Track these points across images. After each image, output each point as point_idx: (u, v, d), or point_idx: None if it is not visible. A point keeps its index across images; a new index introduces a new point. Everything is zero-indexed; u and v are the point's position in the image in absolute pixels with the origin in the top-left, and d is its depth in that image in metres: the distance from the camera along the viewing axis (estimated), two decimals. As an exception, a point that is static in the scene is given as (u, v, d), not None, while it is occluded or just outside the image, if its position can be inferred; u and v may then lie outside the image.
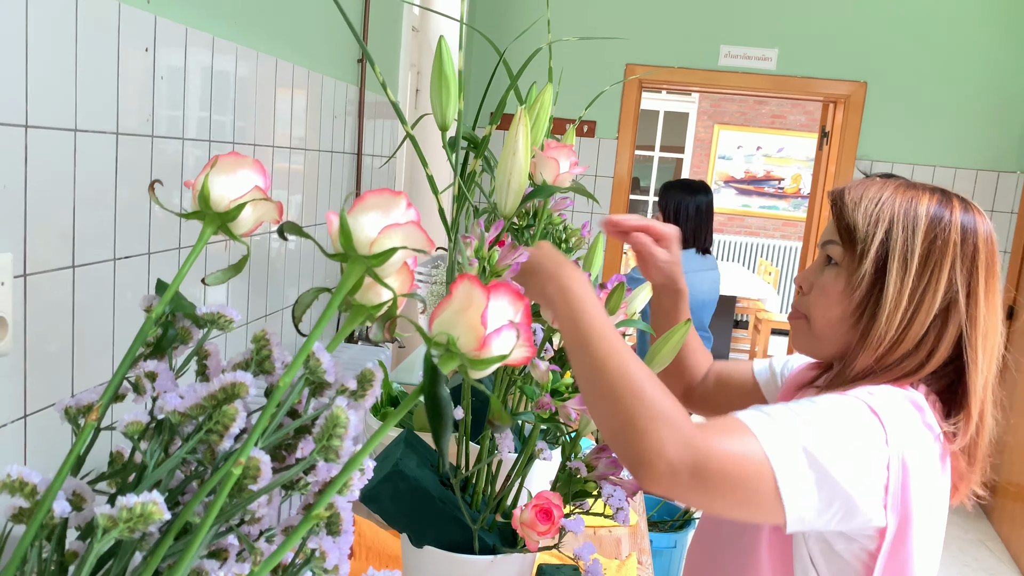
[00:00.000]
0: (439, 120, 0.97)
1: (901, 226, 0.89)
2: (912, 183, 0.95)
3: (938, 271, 0.88)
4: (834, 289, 0.94)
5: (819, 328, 0.95)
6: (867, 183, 0.96)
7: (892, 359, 0.90)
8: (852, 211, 0.92)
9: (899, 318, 0.88)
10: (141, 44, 1.30)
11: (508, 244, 0.88)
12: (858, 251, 0.91)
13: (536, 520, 0.96)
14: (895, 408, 0.86)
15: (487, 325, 0.52)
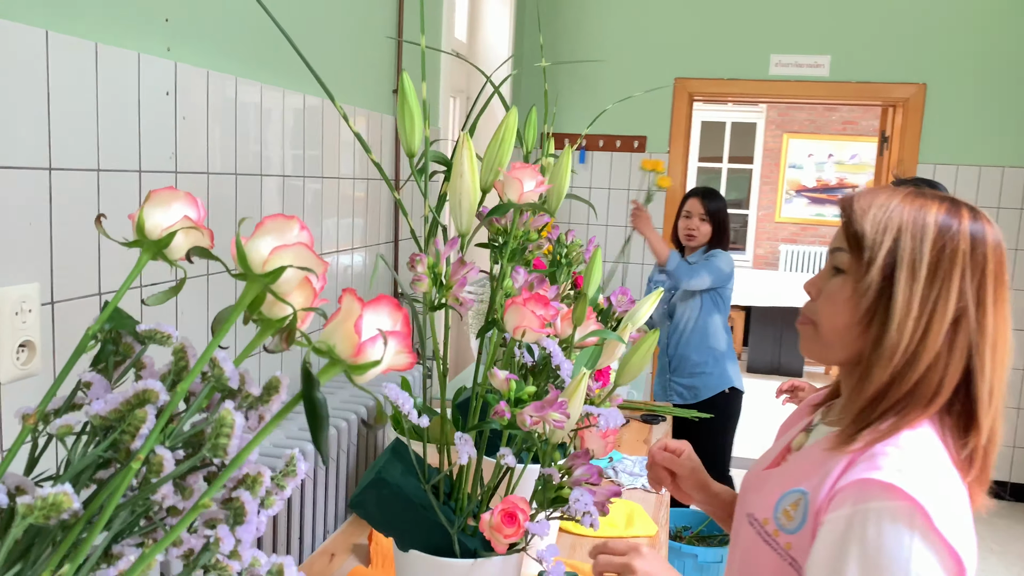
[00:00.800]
0: (406, 147, 1.04)
1: (910, 234, 0.89)
2: (921, 191, 0.94)
3: (948, 280, 0.88)
4: (841, 296, 0.93)
5: (826, 334, 0.95)
6: (877, 190, 0.96)
7: (913, 376, 0.88)
8: (860, 218, 0.92)
9: (911, 326, 0.87)
10: (162, 88, 1.42)
11: (458, 260, 0.94)
12: (865, 258, 0.90)
13: (502, 523, 1.00)
14: (928, 482, 0.84)
15: (361, 334, 0.57)
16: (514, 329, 1.00)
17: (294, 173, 1.90)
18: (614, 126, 4.37)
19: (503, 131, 1.11)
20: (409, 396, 0.96)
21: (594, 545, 1.03)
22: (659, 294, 1.61)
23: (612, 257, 4.46)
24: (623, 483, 2.03)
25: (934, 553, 0.81)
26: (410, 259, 0.92)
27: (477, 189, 0.97)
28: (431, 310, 0.96)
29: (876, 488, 0.84)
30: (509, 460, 0.99)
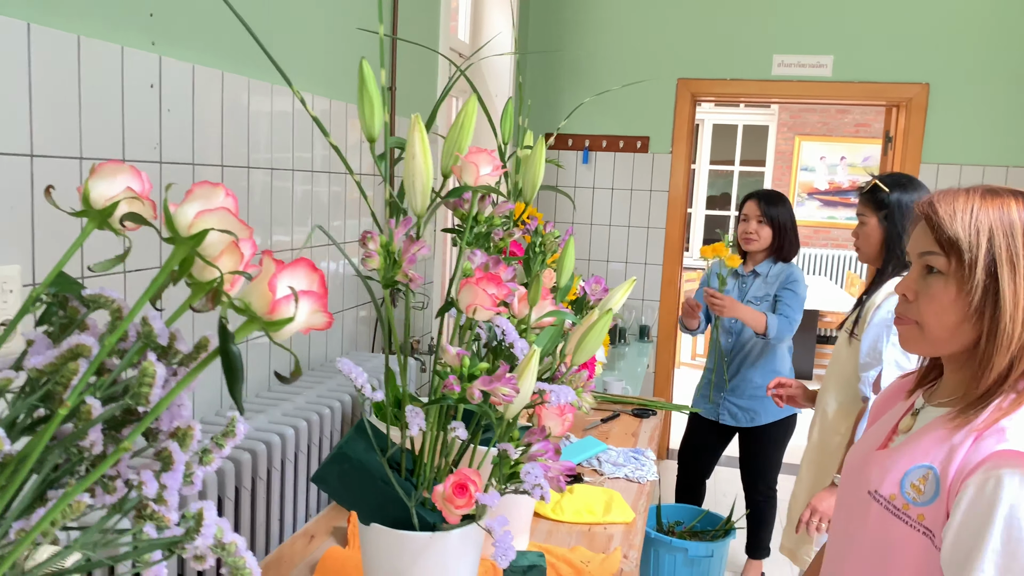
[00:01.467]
0: (366, 132, 1.07)
1: (1001, 233, 0.99)
2: (992, 189, 1.04)
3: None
4: (946, 297, 1.02)
5: (934, 332, 1.04)
6: (952, 194, 1.05)
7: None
8: (951, 223, 1.01)
9: (1021, 315, 0.98)
10: (146, 81, 1.47)
11: (409, 238, 0.97)
12: (966, 260, 1.00)
13: (453, 494, 1.03)
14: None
15: (275, 292, 0.61)
16: (467, 307, 1.03)
17: (282, 166, 1.94)
18: (617, 127, 4.40)
19: (463, 117, 1.14)
20: (362, 371, 1.00)
21: None
22: (632, 283, 1.64)
23: (616, 257, 4.48)
24: (606, 472, 2.05)
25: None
26: (362, 236, 0.95)
27: (430, 170, 1.01)
28: (385, 286, 1.00)
29: (1010, 456, 0.93)
30: (460, 433, 1.02)
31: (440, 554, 1.14)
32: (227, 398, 1.79)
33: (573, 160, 4.46)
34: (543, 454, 1.13)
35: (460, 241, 1.14)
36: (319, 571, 1.48)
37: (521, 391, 1.04)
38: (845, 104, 4.37)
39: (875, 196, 2.14)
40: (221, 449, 0.74)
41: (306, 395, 1.86)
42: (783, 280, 2.98)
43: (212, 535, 0.63)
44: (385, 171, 1.09)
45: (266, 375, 1.96)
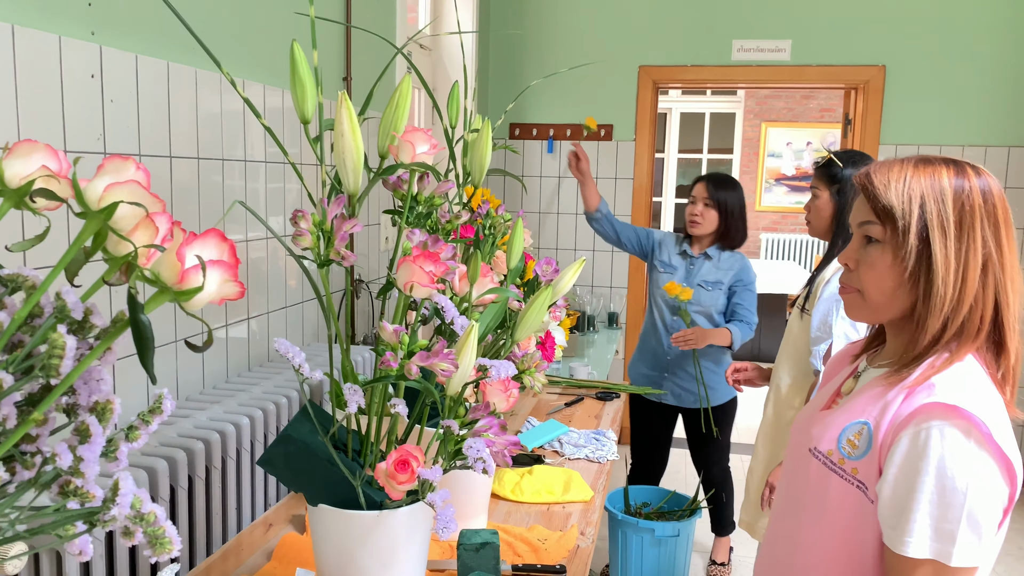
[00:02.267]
0: (299, 114, 1.08)
1: (932, 200, 1.02)
2: (924, 158, 1.08)
3: (972, 232, 1.02)
4: (883, 263, 1.05)
5: (874, 298, 1.08)
6: (887, 165, 1.08)
7: (959, 319, 1.03)
8: (885, 193, 1.05)
9: (952, 278, 1.01)
10: (86, 71, 1.45)
11: (340, 215, 0.98)
12: (900, 228, 1.03)
13: (395, 470, 1.04)
14: (980, 402, 0.98)
15: (184, 261, 0.61)
16: (404, 285, 1.04)
17: (233, 157, 1.94)
18: (580, 115, 4.41)
19: (398, 96, 1.15)
20: (300, 351, 1.00)
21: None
22: (582, 263, 1.65)
23: (584, 245, 4.50)
24: (567, 454, 2.07)
25: (992, 460, 0.95)
26: (292, 215, 0.96)
27: (360, 147, 1.01)
28: (320, 266, 1.00)
29: (938, 409, 0.97)
30: (400, 409, 1.03)
31: (388, 533, 1.14)
32: (183, 389, 1.79)
33: (538, 149, 4.47)
34: (487, 429, 1.14)
35: (400, 221, 1.14)
36: (275, 557, 1.48)
37: (460, 367, 1.06)
38: (804, 88, 4.42)
39: (829, 171, 2.18)
40: (148, 425, 0.74)
41: (263, 385, 1.86)
42: (737, 273, 2.97)
43: (128, 504, 0.63)
44: (320, 153, 1.10)
45: (224, 367, 1.95)
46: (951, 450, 0.95)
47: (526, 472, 1.87)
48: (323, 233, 0.98)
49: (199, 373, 1.85)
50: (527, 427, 2.26)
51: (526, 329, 1.24)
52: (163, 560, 0.65)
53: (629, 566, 2.75)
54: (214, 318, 1.89)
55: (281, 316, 2.20)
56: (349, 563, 1.16)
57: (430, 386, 1.10)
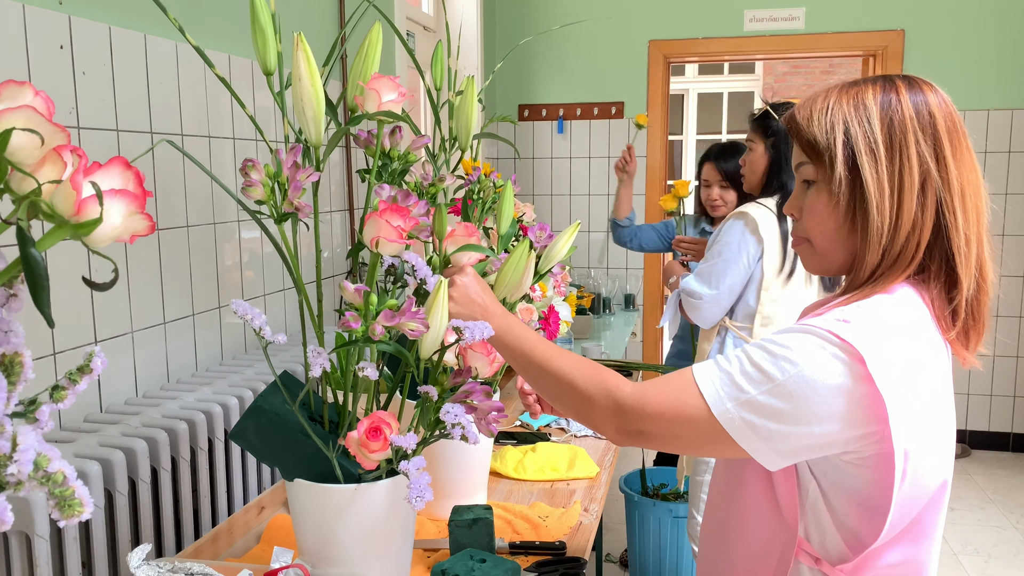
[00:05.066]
0: (262, 65, 1.02)
1: (856, 122, 0.92)
2: (853, 80, 0.97)
3: (905, 150, 0.91)
4: (819, 204, 0.95)
5: (821, 245, 0.97)
6: (812, 96, 0.97)
7: (897, 247, 0.91)
8: (808, 126, 0.95)
9: (888, 204, 0.91)
10: (55, 42, 1.41)
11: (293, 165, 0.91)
12: (826, 160, 0.93)
13: (367, 438, 0.98)
14: (874, 335, 0.86)
15: (79, 190, 0.55)
16: (371, 240, 0.98)
17: (218, 134, 1.88)
18: (590, 94, 4.33)
19: (367, 45, 1.08)
20: (260, 313, 0.94)
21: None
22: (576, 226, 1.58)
23: (597, 227, 4.42)
24: (574, 431, 2.00)
25: (855, 390, 0.83)
26: (242, 164, 0.89)
27: (320, 94, 0.95)
28: (277, 221, 0.94)
29: (816, 328, 0.87)
30: (369, 372, 0.97)
31: (368, 507, 1.08)
32: (174, 372, 1.74)
33: (548, 131, 4.39)
34: (469, 395, 1.08)
35: (368, 176, 1.08)
36: (264, 539, 1.43)
37: (432, 327, 0.99)
38: (820, 56, 4.29)
39: (764, 122, 2.12)
40: (75, 384, 0.68)
41: (257, 367, 1.81)
42: None
43: (31, 461, 0.57)
44: (283, 104, 1.03)
45: (218, 351, 1.91)
46: (794, 338, 0.86)
47: (529, 450, 1.80)
48: (279, 185, 0.92)
49: (191, 356, 1.80)
50: (533, 406, 2.19)
51: (506, 287, 1.17)
52: (72, 523, 0.59)
53: (647, 548, 2.68)
54: (208, 299, 1.84)
55: (279, 298, 2.16)
56: (329, 540, 1.10)
57: (403, 349, 1.03)
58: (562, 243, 1.55)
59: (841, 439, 0.85)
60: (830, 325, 0.86)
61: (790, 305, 2.13)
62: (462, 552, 1.26)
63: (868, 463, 0.87)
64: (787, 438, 0.85)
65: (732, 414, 0.85)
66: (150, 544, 1.07)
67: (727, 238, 2.12)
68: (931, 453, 0.88)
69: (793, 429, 0.84)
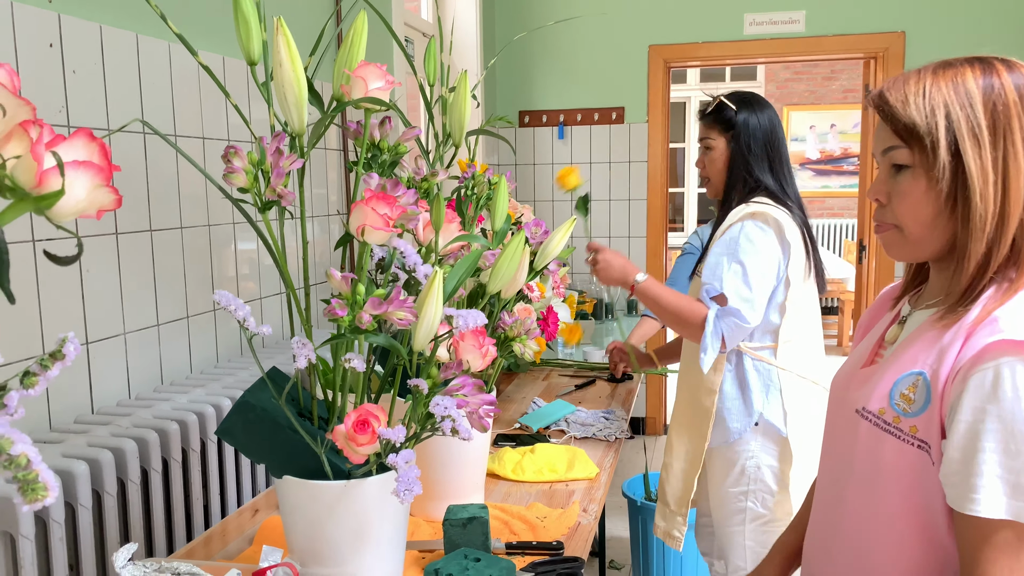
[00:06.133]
0: (246, 55, 1.00)
1: (958, 106, 0.88)
2: (945, 62, 0.93)
3: (1010, 135, 0.87)
4: (916, 190, 0.91)
5: (915, 232, 0.93)
6: (902, 79, 0.93)
7: (1008, 237, 0.88)
8: (904, 110, 0.90)
9: (992, 191, 0.87)
10: (44, 40, 1.40)
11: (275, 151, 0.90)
12: (928, 145, 0.89)
13: (355, 432, 0.96)
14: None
15: (41, 161, 0.53)
16: (356, 229, 0.96)
17: (214, 136, 1.87)
18: (591, 99, 4.32)
19: (352, 34, 1.06)
20: (243, 304, 0.92)
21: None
22: (572, 222, 1.56)
23: (599, 232, 4.40)
24: (573, 432, 1.97)
25: None
26: (224, 151, 0.88)
27: (302, 80, 0.93)
28: (261, 209, 0.92)
29: (1008, 346, 0.83)
30: (356, 364, 0.95)
31: (357, 504, 1.06)
32: (168, 374, 1.72)
33: (549, 136, 4.38)
34: (460, 388, 1.05)
35: (356, 167, 1.06)
36: (258, 540, 1.41)
37: (423, 316, 0.97)
38: (821, 59, 4.27)
39: (722, 116, 1.91)
40: (47, 371, 0.66)
41: (252, 370, 1.79)
42: None
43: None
44: (268, 95, 1.02)
45: (213, 354, 1.89)
46: (1020, 387, 0.80)
47: (528, 451, 1.78)
48: (262, 173, 0.90)
49: (185, 358, 1.78)
50: (533, 408, 2.17)
51: (500, 280, 1.15)
52: (36, 507, 0.57)
53: (651, 554, 2.64)
54: (204, 302, 1.82)
55: (275, 302, 2.14)
56: (318, 538, 1.08)
57: (394, 341, 1.01)
58: (557, 239, 1.54)
59: None
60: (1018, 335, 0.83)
61: (808, 314, 1.90)
62: (456, 551, 1.23)
63: None
64: None
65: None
66: (136, 544, 1.05)
67: (755, 247, 1.77)
68: None
69: None
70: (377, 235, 0.95)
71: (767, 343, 1.85)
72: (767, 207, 1.82)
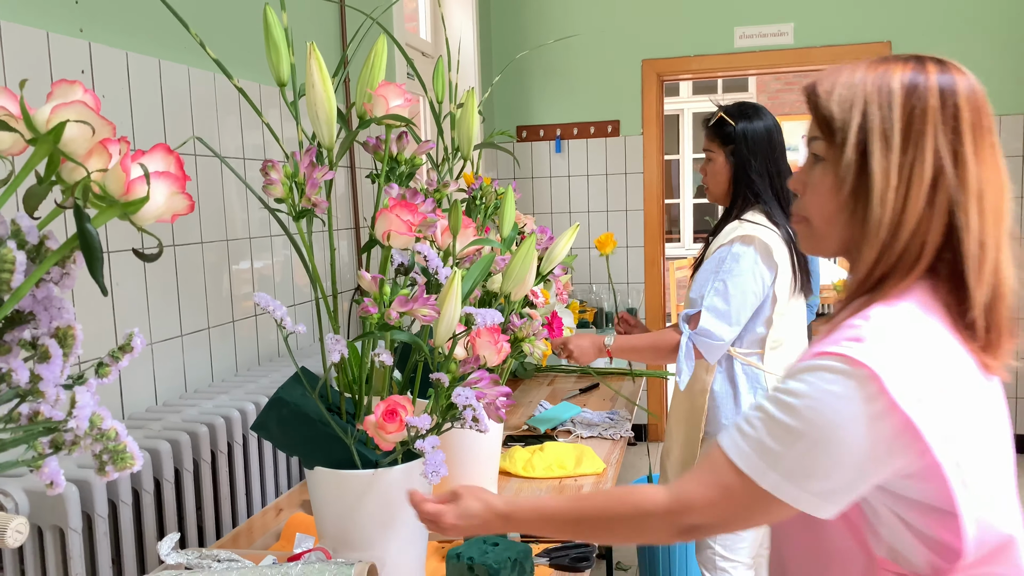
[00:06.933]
0: (275, 77, 1.09)
1: (876, 104, 0.84)
2: (884, 57, 0.89)
3: (921, 141, 0.83)
4: (824, 184, 0.88)
5: (819, 226, 0.91)
6: (840, 68, 0.90)
7: (899, 246, 0.84)
8: (827, 101, 0.87)
9: (891, 198, 0.83)
10: (76, 67, 1.48)
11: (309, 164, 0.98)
12: (838, 140, 0.86)
13: (384, 420, 1.03)
14: (892, 351, 0.81)
15: (128, 172, 0.62)
16: (382, 235, 1.04)
17: (236, 155, 1.96)
18: (586, 113, 4.42)
19: (372, 56, 1.15)
20: (281, 304, 1.01)
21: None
22: (576, 228, 1.65)
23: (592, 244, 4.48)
24: (582, 433, 2.05)
25: (880, 413, 0.78)
26: (263, 165, 0.96)
27: (332, 99, 1.02)
28: (296, 217, 1.01)
29: (827, 356, 0.82)
30: (384, 358, 1.03)
31: (385, 492, 1.14)
32: (191, 383, 1.80)
33: (546, 150, 4.48)
34: (478, 382, 1.14)
35: (378, 179, 1.15)
36: (284, 536, 1.48)
37: (443, 314, 1.05)
38: (810, 71, 4.37)
39: (721, 130, 2.01)
40: (117, 362, 0.74)
41: (272, 377, 1.87)
42: None
43: (87, 418, 0.63)
44: (296, 114, 1.11)
45: (233, 363, 1.97)
46: (809, 380, 0.81)
47: (537, 449, 1.85)
48: (296, 185, 0.99)
49: (207, 367, 1.86)
50: (539, 410, 2.25)
51: (513, 281, 1.24)
52: (123, 475, 0.65)
53: (657, 555, 2.71)
54: (223, 313, 1.90)
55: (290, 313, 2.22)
56: (348, 525, 1.16)
57: (416, 338, 1.10)
58: (562, 244, 1.62)
59: (889, 466, 0.81)
60: (842, 348, 0.81)
61: (793, 322, 2.01)
62: (476, 538, 1.31)
63: (920, 474, 0.81)
64: (837, 485, 0.81)
65: (775, 480, 0.81)
66: (178, 533, 1.13)
67: (740, 267, 1.90)
68: (989, 467, 0.83)
69: (841, 476, 0.80)
70: (401, 240, 1.04)
71: (755, 349, 1.99)
72: (757, 228, 1.93)
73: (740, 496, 0.84)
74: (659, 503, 0.89)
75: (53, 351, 0.66)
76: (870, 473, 0.81)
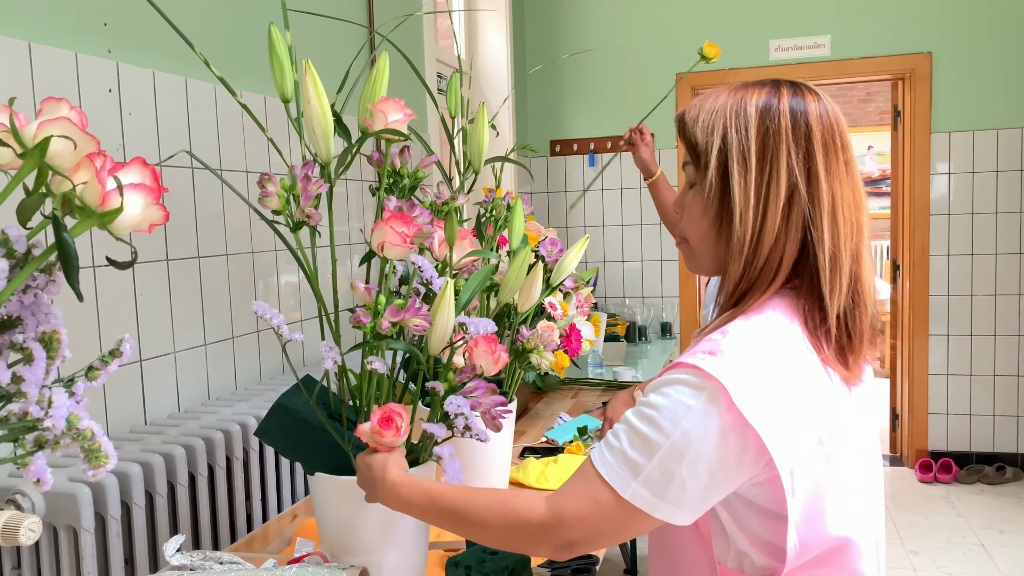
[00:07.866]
0: (280, 93, 1.13)
1: (734, 128, 0.90)
2: (745, 83, 0.95)
3: (776, 161, 0.89)
4: (695, 206, 0.95)
5: (695, 246, 0.97)
6: (708, 95, 0.96)
7: (760, 261, 0.90)
8: (692, 127, 0.93)
9: (751, 216, 0.89)
10: (104, 86, 1.55)
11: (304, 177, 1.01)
12: (702, 164, 0.92)
13: (380, 427, 1.05)
14: (740, 364, 0.84)
15: (104, 184, 0.65)
16: (378, 246, 1.07)
17: (257, 169, 2.02)
18: (620, 127, 4.42)
19: (375, 73, 1.18)
20: (278, 313, 1.04)
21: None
22: (585, 240, 1.66)
23: (631, 256, 4.48)
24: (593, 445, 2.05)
25: (729, 425, 0.82)
26: (260, 178, 1.00)
27: (328, 115, 1.05)
28: (292, 229, 1.04)
29: (684, 369, 0.85)
30: (377, 366, 1.05)
31: (383, 498, 1.16)
32: (214, 391, 1.85)
33: (579, 164, 4.49)
34: (474, 391, 1.15)
35: (379, 191, 1.17)
36: (294, 541, 1.51)
37: (436, 323, 1.07)
38: (846, 82, 4.32)
39: None
40: (107, 366, 0.78)
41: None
42: None
43: (63, 418, 0.66)
44: (300, 129, 1.14)
45: (257, 372, 2.01)
46: (664, 392, 0.85)
47: (551, 461, 1.86)
48: (293, 197, 1.02)
49: (231, 376, 1.91)
50: (559, 422, 2.25)
51: (510, 290, 1.25)
52: (99, 475, 0.68)
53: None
54: (247, 325, 1.95)
55: (315, 324, 2.26)
56: (348, 531, 1.18)
57: (413, 347, 1.12)
58: (572, 256, 1.63)
59: (740, 475, 0.85)
60: (696, 360, 0.85)
61: None
62: (476, 547, 1.32)
63: (768, 483, 0.86)
64: (692, 494, 0.84)
65: (638, 491, 0.84)
66: (184, 535, 1.16)
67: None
68: (818, 470, 0.86)
69: (695, 485, 0.83)
70: (395, 251, 1.06)
71: None
72: None
73: (609, 509, 0.86)
74: (536, 514, 0.90)
75: (37, 354, 0.69)
76: (723, 483, 0.85)
